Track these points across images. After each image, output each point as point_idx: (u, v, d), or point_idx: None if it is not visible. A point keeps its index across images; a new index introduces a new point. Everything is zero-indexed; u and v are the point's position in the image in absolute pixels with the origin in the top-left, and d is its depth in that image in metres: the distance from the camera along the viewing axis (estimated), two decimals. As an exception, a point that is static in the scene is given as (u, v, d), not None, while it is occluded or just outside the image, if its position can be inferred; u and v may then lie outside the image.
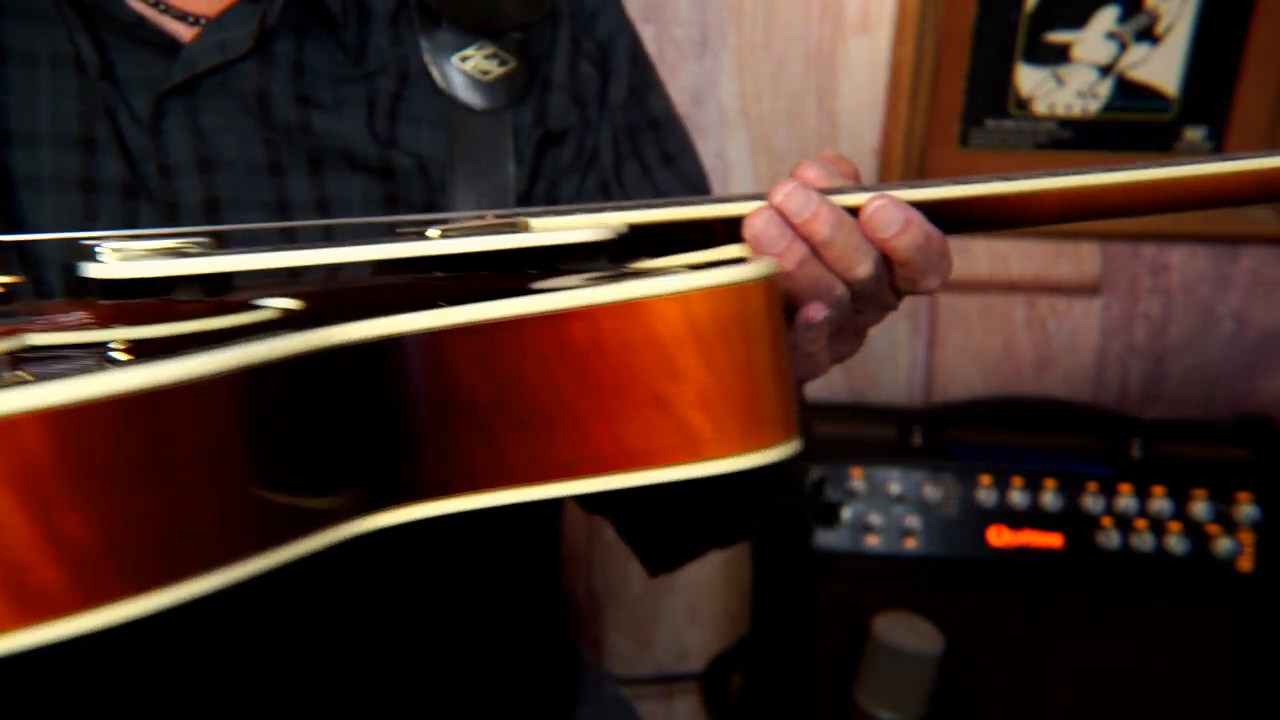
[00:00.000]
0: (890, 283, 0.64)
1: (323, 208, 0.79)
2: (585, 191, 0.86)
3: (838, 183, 0.64)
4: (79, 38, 0.75)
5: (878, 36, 1.55)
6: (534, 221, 0.63)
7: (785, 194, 0.60)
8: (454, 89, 0.81)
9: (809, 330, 0.62)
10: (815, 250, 0.60)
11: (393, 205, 0.80)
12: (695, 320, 0.49)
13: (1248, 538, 1.46)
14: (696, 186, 0.92)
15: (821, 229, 0.60)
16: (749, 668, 1.65)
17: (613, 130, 0.86)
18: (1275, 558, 1.45)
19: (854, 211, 0.61)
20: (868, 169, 1.61)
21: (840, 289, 0.62)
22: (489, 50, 0.82)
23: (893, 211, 0.60)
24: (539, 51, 0.84)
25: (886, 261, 0.62)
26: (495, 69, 0.82)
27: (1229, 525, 1.47)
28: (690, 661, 1.81)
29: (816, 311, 0.61)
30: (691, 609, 1.79)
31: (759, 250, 0.60)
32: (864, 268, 0.61)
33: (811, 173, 0.63)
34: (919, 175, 1.59)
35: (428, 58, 0.82)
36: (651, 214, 0.64)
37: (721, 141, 1.60)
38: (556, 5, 0.85)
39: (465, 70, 0.82)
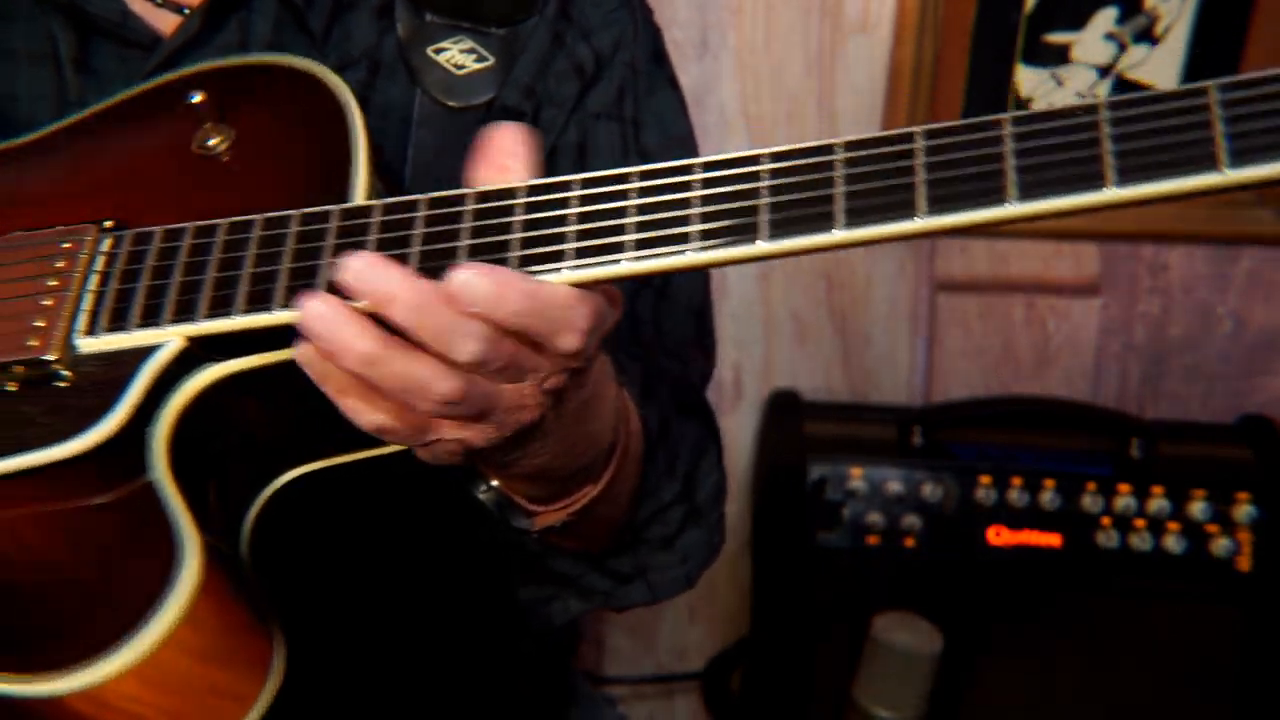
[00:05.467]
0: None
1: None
2: None
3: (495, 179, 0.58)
4: (60, 35, 0.75)
5: (878, 37, 1.55)
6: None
7: (350, 276, 0.53)
8: (424, 83, 0.79)
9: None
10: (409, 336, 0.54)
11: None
12: None
13: (1246, 537, 1.46)
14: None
15: (396, 313, 0.53)
16: (749, 667, 1.66)
17: (580, 136, 0.83)
18: (1274, 557, 1.46)
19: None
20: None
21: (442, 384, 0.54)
22: (467, 45, 0.79)
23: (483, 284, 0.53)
24: (520, 52, 0.81)
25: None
26: (471, 64, 0.79)
27: (1228, 525, 1.47)
28: (690, 661, 1.81)
29: None
30: (691, 609, 1.79)
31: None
32: (468, 347, 0.54)
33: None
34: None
35: (404, 49, 0.79)
36: (218, 324, 0.59)
37: (721, 142, 1.60)
38: (545, 7, 0.82)
39: (439, 63, 0.79)
